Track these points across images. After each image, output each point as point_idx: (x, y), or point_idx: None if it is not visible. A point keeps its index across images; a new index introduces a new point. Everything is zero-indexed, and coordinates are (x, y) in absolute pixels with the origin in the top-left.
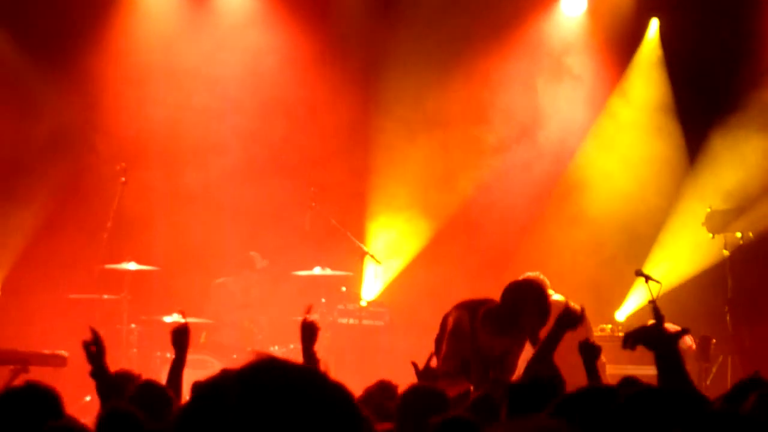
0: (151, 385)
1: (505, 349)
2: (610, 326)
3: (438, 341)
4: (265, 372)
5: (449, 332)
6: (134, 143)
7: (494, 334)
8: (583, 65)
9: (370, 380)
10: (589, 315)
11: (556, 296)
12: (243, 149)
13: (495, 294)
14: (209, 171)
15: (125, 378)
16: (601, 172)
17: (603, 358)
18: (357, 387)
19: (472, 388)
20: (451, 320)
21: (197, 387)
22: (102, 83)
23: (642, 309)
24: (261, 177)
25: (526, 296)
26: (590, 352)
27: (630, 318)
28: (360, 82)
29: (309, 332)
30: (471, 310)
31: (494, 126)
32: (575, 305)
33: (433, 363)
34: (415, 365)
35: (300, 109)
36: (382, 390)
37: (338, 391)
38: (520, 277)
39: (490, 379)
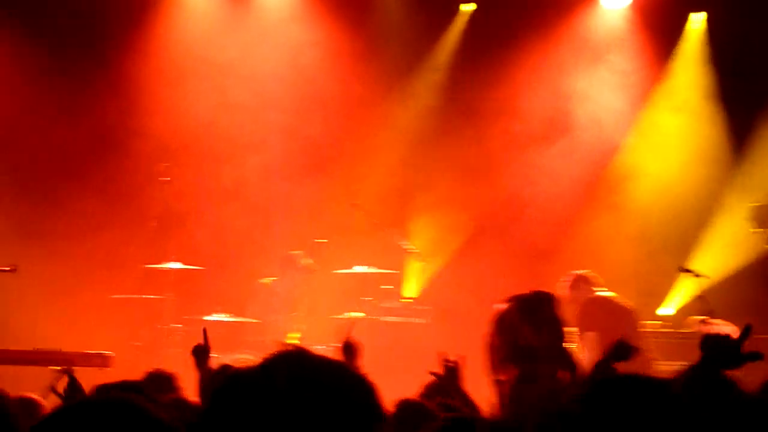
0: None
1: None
2: (660, 323)
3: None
4: (288, 361)
5: (496, 324)
6: (174, 142)
7: (531, 325)
8: (626, 58)
9: (416, 378)
10: (636, 309)
11: (604, 293)
12: (282, 146)
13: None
14: (248, 168)
15: (162, 378)
16: (645, 164)
17: (650, 354)
18: (401, 386)
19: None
20: (497, 312)
21: (224, 373)
22: (140, 83)
23: (688, 303)
24: (300, 174)
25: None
26: (622, 352)
27: (678, 313)
28: (399, 78)
29: (350, 352)
30: (517, 302)
31: (535, 119)
32: (625, 301)
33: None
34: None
35: (339, 106)
36: (448, 371)
37: (359, 382)
38: (571, 274)
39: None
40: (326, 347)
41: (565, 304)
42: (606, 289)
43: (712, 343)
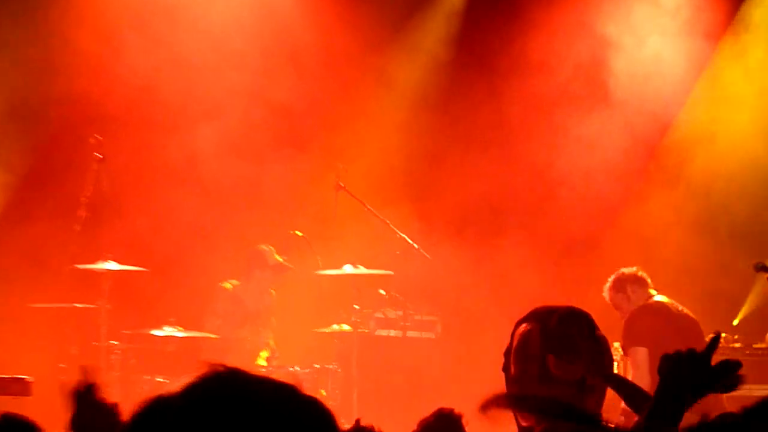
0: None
1: (582, 376)
2: (724, 334)
3: (506, 355)
4: (215, 388)
5: (515, 350)
6: (108, 110)
7: (564, 355)
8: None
9: (419, 407)
10: (700, 319)
11: (658, 297)
12: (244, 113)
13: (578, 292)
14: (201, 142)
15: (99, 410)
16: (709, 131)
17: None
18: (403, 416)
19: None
20: (518, 334)
21: (138, 407)
22: (64, 36)
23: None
24: (269, 149)
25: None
26: (726, 378)
27: (755, 325)
28: (396, 27)
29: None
30: (542, 322)
31: (565, 75)
32: (685, 309)
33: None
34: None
35: (318, 62)
36: (444, 423)
37: (312, 413)
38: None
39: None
40: (308, 369)
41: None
42: (659, 293)
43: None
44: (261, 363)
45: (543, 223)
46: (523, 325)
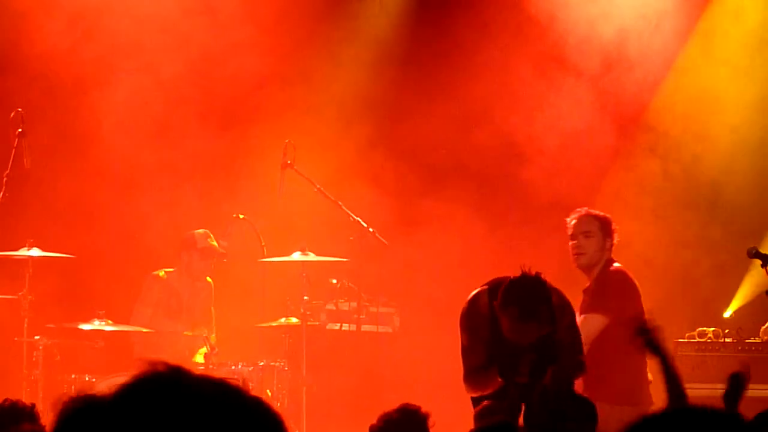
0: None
1: (539, 336)
2: (712, 329)
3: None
4: (153, 389)
5: (462, 316)
6: (30, 77)
7: (516, 318)
8: None
9: (374, 408)
10: (685, 312)
11: (617, 264)
12: (182, 86)
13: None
14: (131, 118)
15: (15, 412)
16: (702, 94)
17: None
18: (356, 418)
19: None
20: (469, 297)
21: (64, 406)
22: None
23: (754, 302)
24: (205, 118)
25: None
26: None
27: (737, 314)
28: None
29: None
30: (492, 289)
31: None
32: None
33: None
34: None
35: (243, 13)
36: (407, 418)
37: (258, 416)
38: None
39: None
40: (252, 367)
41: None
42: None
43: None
44: (198, 360)
45: (521, 204)
46: (476, 292)
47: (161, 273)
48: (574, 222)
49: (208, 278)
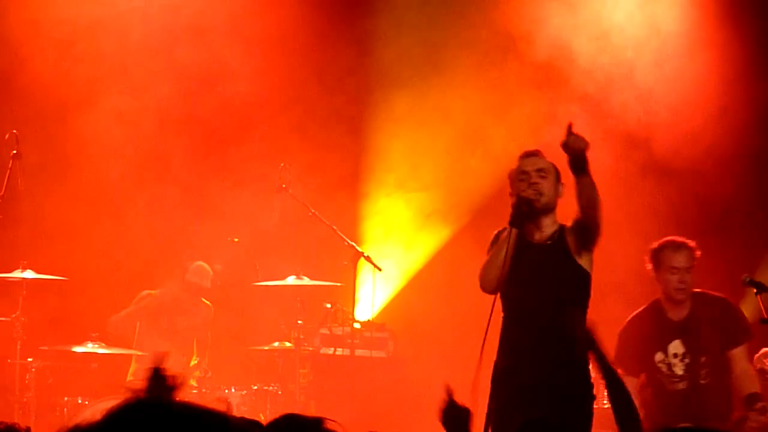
0: None
1: None
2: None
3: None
4: (140, 418)
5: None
6: (23, 98)
7: None
8: None
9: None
10: None
11: None
12: (172, 92)
13: None
14: (124, 141)
15: None
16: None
17: None
18: None
19: None
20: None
21: None
22: None
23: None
24: (193, 143)
25: None
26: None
27: None
28: None
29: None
30: None
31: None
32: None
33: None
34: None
35: (231, 36)
36: None
37: None
38: None
39: None
40: (244, 391)
41: None
42: None
43: None
44: (191, 384)
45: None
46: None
47: (155, 291)
48: None
49: (207, 302)
